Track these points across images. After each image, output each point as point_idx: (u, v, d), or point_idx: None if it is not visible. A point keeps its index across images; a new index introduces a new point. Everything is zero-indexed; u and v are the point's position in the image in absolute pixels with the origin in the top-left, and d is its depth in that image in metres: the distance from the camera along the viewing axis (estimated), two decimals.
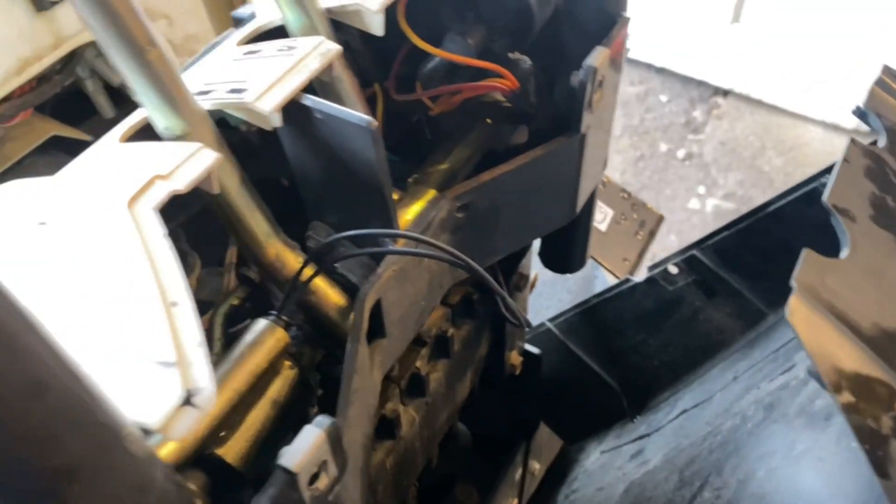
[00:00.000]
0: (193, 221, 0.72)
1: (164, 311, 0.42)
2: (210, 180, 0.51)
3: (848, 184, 0.70)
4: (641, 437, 1.07)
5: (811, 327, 0.54)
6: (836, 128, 3.11)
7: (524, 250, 1.02)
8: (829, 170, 0.90)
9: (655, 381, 1.14)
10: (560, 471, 1.30)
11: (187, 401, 0.39)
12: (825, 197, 0.68)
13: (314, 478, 0.46)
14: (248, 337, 0.55)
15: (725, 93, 3.40)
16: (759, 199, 2.97)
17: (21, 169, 1.18)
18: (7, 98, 1.17)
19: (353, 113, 0.53)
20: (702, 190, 3.02)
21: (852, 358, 0.54)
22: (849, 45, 2.97)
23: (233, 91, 0.55)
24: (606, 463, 1.12)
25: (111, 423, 0.34)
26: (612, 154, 3.11)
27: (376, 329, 0.64)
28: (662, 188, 2.96)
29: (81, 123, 1.31)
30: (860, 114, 0.79)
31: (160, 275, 0.43)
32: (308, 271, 0.56)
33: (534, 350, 1.18)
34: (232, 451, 0.54)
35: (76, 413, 0.31)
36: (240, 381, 0.53)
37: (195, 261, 0.77)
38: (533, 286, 1.45)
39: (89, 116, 1.34)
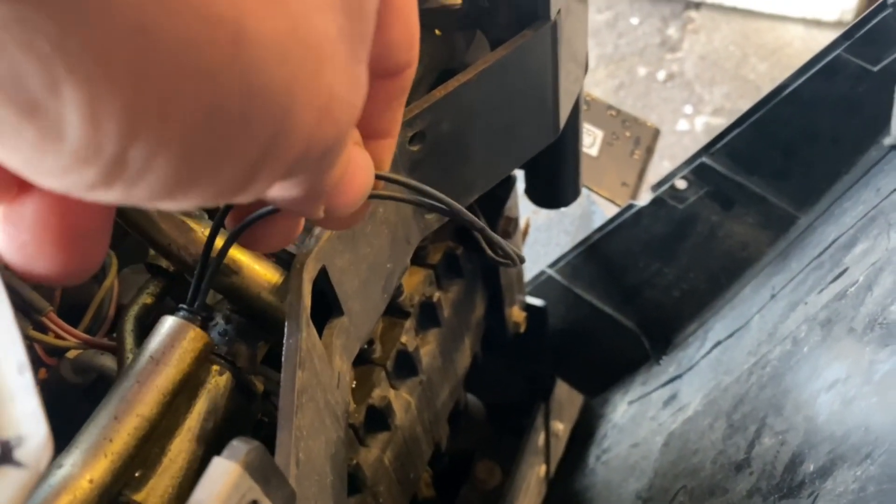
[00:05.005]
0: None
1: None
2: None
3: None
4: (672, 380, 0.94)
5: None
6: (817, 23, 2.96)
7: (507, 191, 0.88)
8: (846, 33, 0.75)
9: (678, 315, 1.00)
10: (587, 429, 1.18)
11: (5, 457, 0.25)
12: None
13: None
14: (153, 343, 0.41)
15: (698, 5, 3.25)
16: None
17: None
18: None
19: None
20: (689, 109, 2.87)
21: None
22: None
23: None
24: (637, 414, 0.99)
25: None
26: (590, 87, 2.95)
27: (329, 306, 0.50)
28: (647, 114, 2.80)
29: None
30: None
31: None
32: (220, 242, 0.42)
33: (537, 302, 1.05)
34: (155, 493, 0.41)
35: None
36: (147, 404, 0.39)
37: (110, 259, 0.63)
38: (526, 233, 1.31)
39: None
